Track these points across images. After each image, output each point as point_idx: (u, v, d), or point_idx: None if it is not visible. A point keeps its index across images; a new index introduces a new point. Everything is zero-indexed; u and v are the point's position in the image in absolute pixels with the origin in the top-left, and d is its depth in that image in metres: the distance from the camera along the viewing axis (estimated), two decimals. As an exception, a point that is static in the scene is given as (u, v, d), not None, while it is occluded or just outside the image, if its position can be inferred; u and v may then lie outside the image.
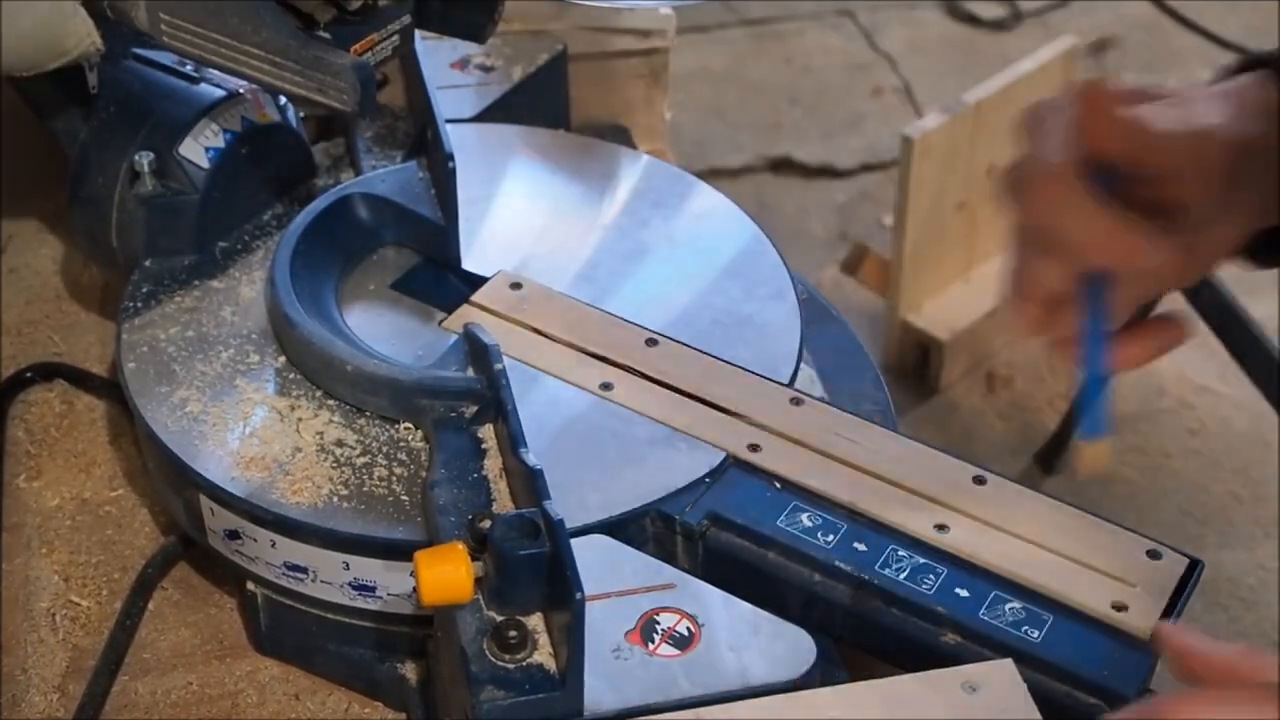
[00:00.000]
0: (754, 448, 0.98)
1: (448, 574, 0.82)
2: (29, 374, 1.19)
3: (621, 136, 1.38)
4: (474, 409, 0.97)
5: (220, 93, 1.15)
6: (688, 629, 0.87)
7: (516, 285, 1.10)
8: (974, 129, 2.27)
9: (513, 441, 0.92)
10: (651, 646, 0.86)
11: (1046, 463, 2.31)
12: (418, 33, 1.19)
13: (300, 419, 0.99)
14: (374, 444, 0.98)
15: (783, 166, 2.87)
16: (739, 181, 2.80)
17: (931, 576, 0.91)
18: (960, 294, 2.44)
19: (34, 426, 1.16)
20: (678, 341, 1.06)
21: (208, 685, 0.99)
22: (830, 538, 0.93)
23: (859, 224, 2.73)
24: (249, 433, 0.99)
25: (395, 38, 1.02)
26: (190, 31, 0.99)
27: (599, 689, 0.83)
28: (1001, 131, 2.32)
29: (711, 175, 2.56)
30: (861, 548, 0.93)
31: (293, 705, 0.99)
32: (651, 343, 1.06)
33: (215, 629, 1.03)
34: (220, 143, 1.13)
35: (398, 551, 0.92)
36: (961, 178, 2.32)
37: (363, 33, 1.00)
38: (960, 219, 2.37)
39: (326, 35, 0.98)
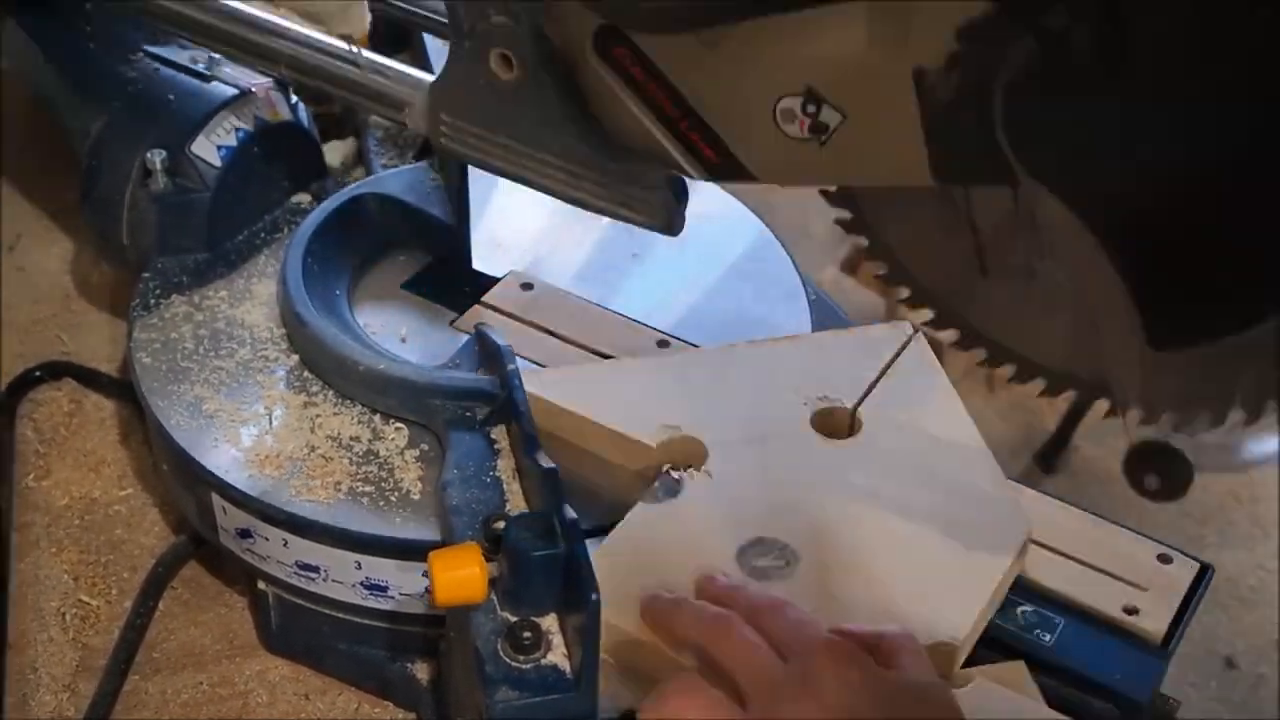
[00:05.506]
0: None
1: (462, 575, 0.82)
2: (38, 373, 1.19)
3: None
4: (487, 410, 0.97)
5: (232, 91, 1.15)
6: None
7: (528, 285, 1.10)
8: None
9: (526, 442, 0.92)
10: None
11: (1046, 463, 2.31)
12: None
13: (315, 417, 0.99)
14: (387, 444, 0.98)
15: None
16: (736, 179, 2.79)
17: (944, 579, 0.91)
18: (961, 294, 2.43)
19: (43, 426, 1.16)
20: (689, 343, 1.06)
21: (218, 685, 1.00)
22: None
23: (859, 224, 2.72)
24: (262, 431, 0.99)
25: None
26: (475, 135, 0.90)
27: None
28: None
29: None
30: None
31: (303, 705, 0.99)
32: (663, 344, 1.06)
33: (226, 628, 1.03)
34: (233, 141, 1.13)
35: (411, 551, 0.92)
36: (963, 178, 2.32)
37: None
38: (962, 219, 2.37)
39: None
